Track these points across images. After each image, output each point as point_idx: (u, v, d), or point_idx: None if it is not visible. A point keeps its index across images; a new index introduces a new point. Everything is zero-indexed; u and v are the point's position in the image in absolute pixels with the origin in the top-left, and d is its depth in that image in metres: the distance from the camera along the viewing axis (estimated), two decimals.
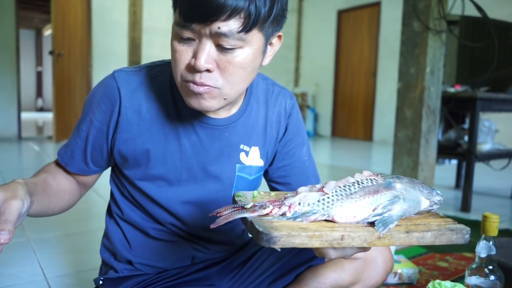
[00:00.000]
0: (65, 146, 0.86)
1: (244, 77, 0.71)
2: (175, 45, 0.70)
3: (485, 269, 0.97)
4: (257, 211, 0.59)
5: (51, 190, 0.79)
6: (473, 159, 2.42)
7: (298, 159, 0.95)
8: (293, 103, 0.94)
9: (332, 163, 4.51)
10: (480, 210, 2.45)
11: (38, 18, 11.26)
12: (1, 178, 3.03)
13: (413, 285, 1.40)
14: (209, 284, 0.90)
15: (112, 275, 0.89)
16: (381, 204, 0.60)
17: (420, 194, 0.65)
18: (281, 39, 0.77)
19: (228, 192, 0.88)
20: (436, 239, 0.59)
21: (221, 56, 0.67)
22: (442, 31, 2.27)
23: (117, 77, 0.80)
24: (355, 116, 7.29)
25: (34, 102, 13.30)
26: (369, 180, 0.63)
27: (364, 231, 0.57)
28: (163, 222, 0.87)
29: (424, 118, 2.29)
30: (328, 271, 0.89)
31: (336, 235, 0.55)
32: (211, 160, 0.84)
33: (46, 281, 1.40)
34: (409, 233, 0.58)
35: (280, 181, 0.96)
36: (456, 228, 0.61)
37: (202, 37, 0.66)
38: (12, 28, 5.24)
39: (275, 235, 0.53)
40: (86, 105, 0.83)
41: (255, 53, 0.70)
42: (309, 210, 0.59)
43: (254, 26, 0.66)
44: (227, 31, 0.64)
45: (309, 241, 0.54)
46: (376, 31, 6.83)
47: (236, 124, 0.85)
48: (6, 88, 5.27)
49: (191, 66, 0.68)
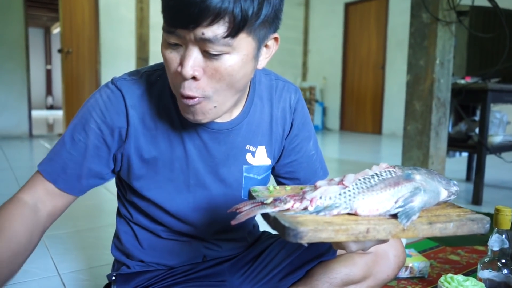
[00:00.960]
0: (51, 160, 0.77)
1: (233, 84, 0.68)
2: (164, 53, 0.68)
3: (498, 262, 0.97)
4: (279, 206, 0.58)
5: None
6: (484, 152, 2.40)
7: (305, 153, 0.94)
8: (298, 97, 0.92)
9: (341, 157, 4.49)
10: (491, 203, 2.43)
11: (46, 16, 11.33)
12: (13, 175, 3.07)
13: (425, 279, 1.40)
14: (220, 280, 0.90)
15: (125, 271, 0.89)
16: (402, 196, 0.60)
17: (439, 185, 0.65)
18: (277, 41, 0.73)
19: (238, 194, 0.88)
20: (458, 230, 0.60)
21: (208, 63, 0.64)
22: (451, 22, 2.24)
23: (120, 85, 0.76)
24: (363, 110, 7.24)
25: (44, 100, 13.42)
26: (388, 172, 0.63)
27: (388, 223, 0.57)
28: (173, 228, 0.87)
29: (434, 110, 2.27)
30: (339, 266, 0.89)
31: (362, 228, 0.55)
32: (217, 163, 0.83)
33: (59, 277, 1.42)
34: (432, 224, 0.58)
35: (288, 177, 0.95)
36: (476, 218, 0.61)
37: (188, 43, 0.64)
38: (22, 26, 5.28)
39: (302, 230, 0.52)
40: (84, 114, 0.76)
41: (244, 59, 0.66)
42: (331, 204, 0.59)
43: (240, 30, 0.62)
44: (211, 36, 0.61)
45: (335, 235, 0.54)
46: (384, 23, 6.76)
47: (240, 125, 0.83)
48: (17, 87, 5.33)
49: (178, 73, 0.66)
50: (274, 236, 1.04)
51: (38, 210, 0.75)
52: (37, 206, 0.75)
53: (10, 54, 5.24)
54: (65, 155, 0.76)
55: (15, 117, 5.37)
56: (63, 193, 0.78)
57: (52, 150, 0.78)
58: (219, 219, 0.88)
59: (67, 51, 5.18)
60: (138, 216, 0.88)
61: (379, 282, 0.93)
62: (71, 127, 0.77)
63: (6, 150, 4.32)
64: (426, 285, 1.35)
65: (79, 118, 0.77)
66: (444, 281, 0.91)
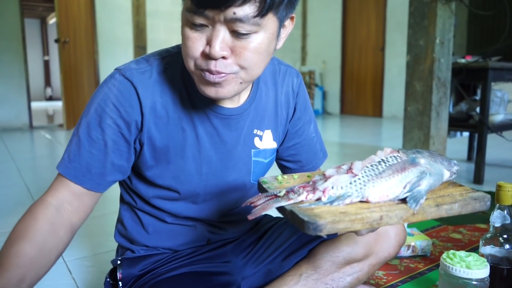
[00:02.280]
0: (72, 161, 0.75)
1: (260, 62, 0.69)
2: (187, 32, 0.67)
3: (500, 238, 0.97)
4: (293, 198, 0.60)
5: (28, 263, 0.69)
6: (485, 131, 2.39)
7: (307, 136, 0.96)
8: (300, 81, 0.94)
9: (342, 141, 4.49)
10: (493, 182, 2.43)
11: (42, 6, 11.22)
12: (15, 166, 3.08)
13: (427, 257, 1.41)
14: (224, 261, 0.91)
15: (130, 255, 0.90)
16: (410, 182, 0.63)
17: (442, 167, 0.68)
18: (293, 21, 0.75)
19: (247, 179, 0.88)
20: (462, 209, 0.63)
21: (235, 42, 0.65)
22: (451, 0, 2.21)
23: (129, 76, 0.75)
24: (363, 93, 7.21)
25: (43, 91, 13.38)
26: (393, 158, 0.66)
27: (399, 209, 0.59)
28: (179, 215, 0.88)
29: (435, 90, 2.26)
30: (341, 244, 0.90)
31: (376, 216, 0.57)
32: (229, 150, 0.84)
33: (65, 264, 1.44)
34: (439, 206, 0.61)
35: (291, 159, 0.97)
36: (478, 196, 0.65)
37: (216, 23, 0.64)
38: (17, 17, 5.23)
39: (321, 223, 0.54)
40: (96, 110, 0.74)
41: (270, 37, 0.68)
42: (344, 194, 0.60)
43: (269, 10, 0.64)
44: (242, 16, 0.62)
45: (352, 225, 0.56)
46: (383, 5, 6.68)
47: (249, 110, 0.84)
48: (15, 78, 5.31)
49: (206, 53, 0.66)
50: (275, 218, 1.05)
51: (63, 209, 0.75)
52: (63, 206, 0.75)
53: (7, 46, 5.20)
54: (86, 155, 0.74)
55: (15, 109, 5.36)
56: (90, 192, 0.77)
57: (69, 150, 0.75)
58: (229, 203, 0.89)
59: (64, 41, 5.14)
60: (143, 203, 0.88)
61: (381, 260, 0.95)
62: (85, 125, 0.75)
63: (7, 142, 4.32)
64: (428, 263, 1.36)
65: (91, 115, 0.75)
66: (446, 257, 0.91)
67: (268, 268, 0.93)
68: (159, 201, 0.85)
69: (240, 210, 0.94)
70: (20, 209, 2.03)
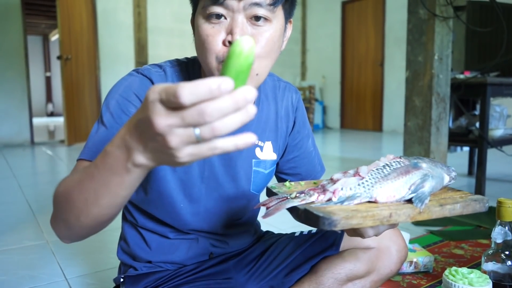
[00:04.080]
0: (98, 149, 0.71)
1: (272, 53, 0.75)
2: (206, 29, 0.72)
3: (502, 254, 0.97)
4: (304, 199, 0.63)
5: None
6: (485, 145, 2.40)
7: (306, 150, 0.99)
8: (298, 97, 0.98)
9: (342, 155, 4.50)
10: (494, 196, 2.43)
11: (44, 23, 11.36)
12: (17, 182, 3.09)
13: (429, 274, 1.40)
14: (226, 278, 0.91)
15: (132, 273, 0.90)
16: (414, 183, 0.66)
17: (442, 171, 0.72)
18: (291, 25, 0.82)
19: (247, 188, 0.90)
20: (464, 209, 0.67)
21: (253, 30, 0.72)
22: (449, 17, 2.25)
23: (148, 74, 0.79)
24: (363, 107, 7.24)
25: (45, 107, 13.44)
26: (396, 162, 0.69)
27: (406, 208, 0.63)
28: (182, 229, 0.88)
29: (434, 106, 2.28)
30: (343, 261, 0.90)
31: (385, 213, 0.60)
32: (230, 156, 0.86)
33: (66, 281, 1.43)
34: (442, 206, 0.65)
35: (290, 172, 0.99)
36: (477, 198, 0.69)
37: (235, 13, 0.70)
38: (20, 35, 5.30)
39: (336, 218, 0.57)
40: (119, 100, 0.75)
41: (280, 29, 0.75)
42: (353, 194, 0.64)
43: (280, 2, 0.72)
44: (260, 1, 0.70)
45: (364, 221, 0.59)
46: (382, 20, 6.77)
47: (252, 121, 0.86)
48: (17, 94, 5.35)
49: (227, 42, 0.71)
50: (277, 235, 1.06)
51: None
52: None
53: (9, 63, 5.26)
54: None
55: (17, 125, 5.38)
56: None
57: (94, 138, 0.73)
58: (229, 213, 0.90)
59: (66, 58, 5.19)
60: (144, 220, 0.89)
61: (383, 276, 0.95)
62: (108, 113, 0.74)
63: (9, 158, 4.33)
64: (431, 279, 1.36)
65: (114, 104, 0.75)
66: (448, 274, 0.91)
67: (270, 285, 0.93)
68: (162, 206, 0.85)
69: (241, 222, 0.95)
70: (21, 226, 2.03)
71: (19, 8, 5.28)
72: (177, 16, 6.56)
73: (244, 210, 0.94)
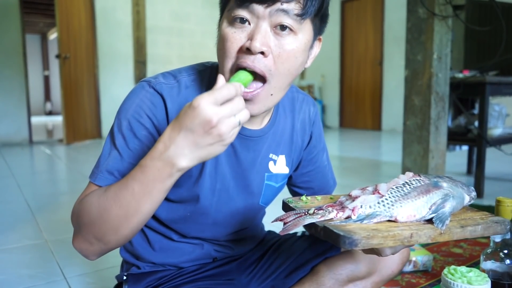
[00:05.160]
0: (111, 174, 0.73)
1: (293, 69, 0.72)
2: (227, 34, 0.69)
3: (500, 253, 0.97)
4: (323, 216, 0.62)
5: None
6: (484, 144, 2.40)
7: (321, 164, 0.98)
8: (316, 110, 0.97)
9: (342, 154, 4.50)
10: (493, 195, 2.44)
11: (42, 22, 11.33)
12: (15, 181, 3.08)
13: (428, 272, 1.41)
14: (228, 279, 0.91)
15: (135, 271, 0.90)
16: (435, 203, 0.65)
17: (462, 191, 0.71)
18: (320, 43, 0.79)
19: (256, 200, 0.89)
20: (485, 231, 0.66)
21: (276, 41, 0.68)
22: (448, 16, 2.25)
23: (159, 89, 0.75)
24: (362, 106, 7.25)
25: (43, 106, 13.42)
26: (416, 181, 0.68)
27: (427, 228, 0.62)
28: (187, 235, 0.88)
29: (433, 105, 2.28)
30: (344, 262, 0.90)
31: (406, 234, 0.59)
32: (244, 170, 0.84)
33: (65, 280, 1.43)
34: (464, 227, 0.64)
35: (303, 186, 0.98)
36: (498, 220, 0.68)
37: (259, 19, 0.67)
38: (19, 33, 5.29)
39: (356, 238, 0.56)
40: (131, 121, 0.74)
41: (306, 43, 0.72)
42: (373, 213, 0.63)
43: (309, 14, 0.69)
44: (288, 8, 0.67)
45: (385, 241, 0.58)
46: (381, 19, 6.77)
47: (268, 134, 0.86)
48: (15, 93, 5.34)
49: (245, 48, 0.68)
50: (279, 235, 1.05)
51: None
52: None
53: (8, 61, 5.25)
54: (127, 166, 0.73)
55: (15, 124, 5.38)
56: None
57: (107, 162, 0.73)
58: (237, 224, 0.89)
59: (64, 56, 5.18)
60: (150, 220, 0.88)
61: (384, 277, 0.94)
62: (120, 136, 0.74)
63: (7, 157, 4.32)
64: (430, 278, 1.36)
65: (126, 126, 0.74)
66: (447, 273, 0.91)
67: (271, 285, 0.93)
68: (169, 219, 0.85)
69: (247, 231, 0.95)
70: (20, 225, 2.03)
71: (18, 6, 5.27)
72: (176, 15, 6.56)
73: (251, 221, 0.94)
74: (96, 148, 5.08)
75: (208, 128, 0.57)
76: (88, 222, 0.67)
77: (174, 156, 0.59)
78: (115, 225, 0.66)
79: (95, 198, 0.68)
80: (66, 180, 3.38)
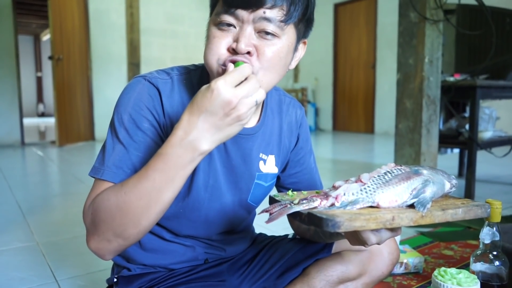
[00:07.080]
0: (119, 167, 0.72)
1: (277, 68, 0.74)
2: (214, 32, 0.73)
3: (490, 255, 0.99)
4: (307, 205, 0.64)
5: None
6: (475, 147, 2.43)
7: (308, 166, 1.00)
8: (303, 113, 0.99)
9: (335, 157, 4.52)
10: (483, 198, 2.46)
11: (35, 23, 11.27)
12: (7, 184, 3.06)
13: (419, 274, 1.42)
14: (220, 280, 0.91)
15: (126, 274, 0.90)
16: (415, 188, 0.67)
17: (443, 178, 0.73)
18: (305, 46, 0.82)
19: (245, 197, 0.90)
20: (466, 214, 0.68)
21: (260, 42, 0.71)
22: (439, 20, 2.27)
23: (155, 82, 0.77)
24: (355, 109, 7.29)
25: (35, 108, 13.33)
26: (397, 170, 0.70)
27: (409, 212, 0.64)
28: (179, 234, 0.88)
29: (425, 108, 2.30)
30: (335, 263, 0.91)
31: (388, 217, 0.61)
32: (233, 166, 0.86)
33: (57, 283, 1.42)
34: (444, 210, 0.66)
35: (291, 188, 0.99)
36: (479, 204, 0.71)
37: (244, 23, 0.70)
38: (11, 34, 5.25)
39: (339, 220, 0.58)
40: (132, 114, 0.75)
41: (289, 46, 0.74)
42: (355, 199, 0.65)
43: (292, 19, 0.72)
44: (271, 17, 0.70)
45: (367, 223, 0.60)
46: (374, 23, 6.82)
47: (258, 133, 0.87)
48: (7, 95, 5.30)
49: (231, 49, 0.71)
50: (270, 237, 1.06)
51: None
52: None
53: (0, 62, 5.21)
54: (134, 159, 0.73)
55: (7, 125, 5.33)
56: None
57: (112, 157, 0.73)
58: (227, 222, 0.90)
59: (57, 58, 5.15)
60: None
61: (374, 279, 0.95)
62: (123, 129, 0.74)
63: None
64: (421, 280, 1.37)
65: (127, 119, 0.75)
66: (437, 275, 0.92)
67: (263, 286, 0.93)
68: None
69: (238, 230, 0.96)
70: (11, 227, 2.01)
71: (10, 7, 5.24)
72: (169, 17, 6.56)
73: (242, 220, 0.95)
74: (89, 150, 5.05)
75: (228, 110, 0.60)
76: (107, 218, 0.67)
77: (196, 140, 0.61)
78: (136, 217, 0.66)
79: (112, 193, 0.68)
80: (58, 182, 3.36)
